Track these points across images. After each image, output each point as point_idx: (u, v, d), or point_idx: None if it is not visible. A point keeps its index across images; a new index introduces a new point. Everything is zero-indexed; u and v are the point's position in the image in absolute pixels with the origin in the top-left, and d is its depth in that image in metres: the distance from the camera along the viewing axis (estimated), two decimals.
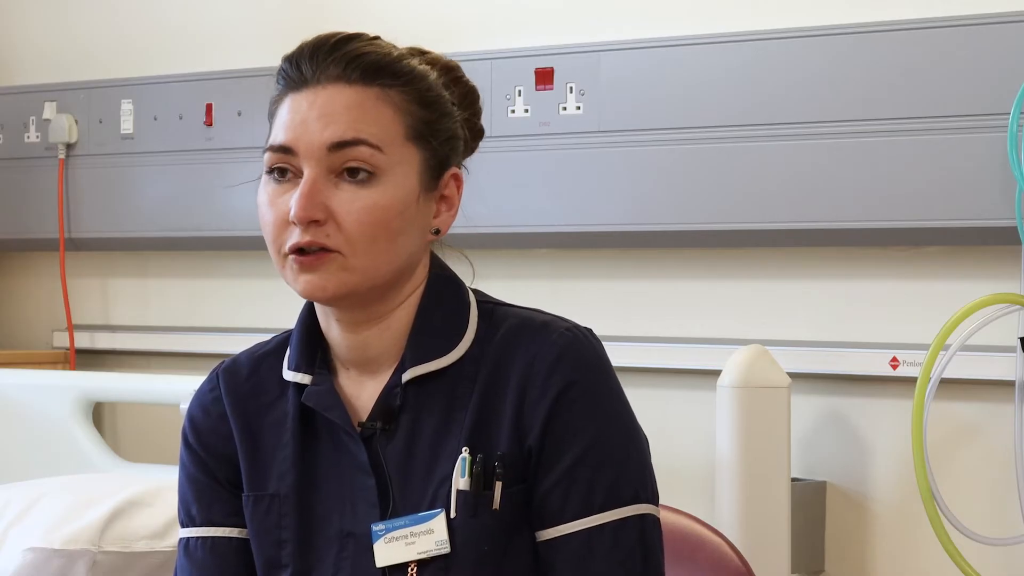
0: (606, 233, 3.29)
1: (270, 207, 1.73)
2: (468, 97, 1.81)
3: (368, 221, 1.70)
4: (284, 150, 1.72)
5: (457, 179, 1.79)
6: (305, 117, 1.72)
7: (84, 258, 4.08)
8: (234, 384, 1.84)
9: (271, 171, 1.74)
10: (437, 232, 1.78)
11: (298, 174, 1.72)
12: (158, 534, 2.72)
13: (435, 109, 1.76)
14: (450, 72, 1.80)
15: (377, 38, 1.77)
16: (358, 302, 1.74)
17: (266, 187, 1.74)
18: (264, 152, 1.75)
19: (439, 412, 1.75)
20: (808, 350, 3.12)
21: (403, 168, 1.73)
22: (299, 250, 1.70)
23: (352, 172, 1.71)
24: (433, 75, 1.77)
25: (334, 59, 1.73)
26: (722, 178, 3.14)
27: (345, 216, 1.70)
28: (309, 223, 1.69)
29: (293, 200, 1.70)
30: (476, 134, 1.83)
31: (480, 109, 1.83)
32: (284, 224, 1.71)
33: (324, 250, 1.70)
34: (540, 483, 1.73)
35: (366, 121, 1.71)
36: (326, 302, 1.74)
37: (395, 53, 1.76)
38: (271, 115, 1.77)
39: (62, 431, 3.52)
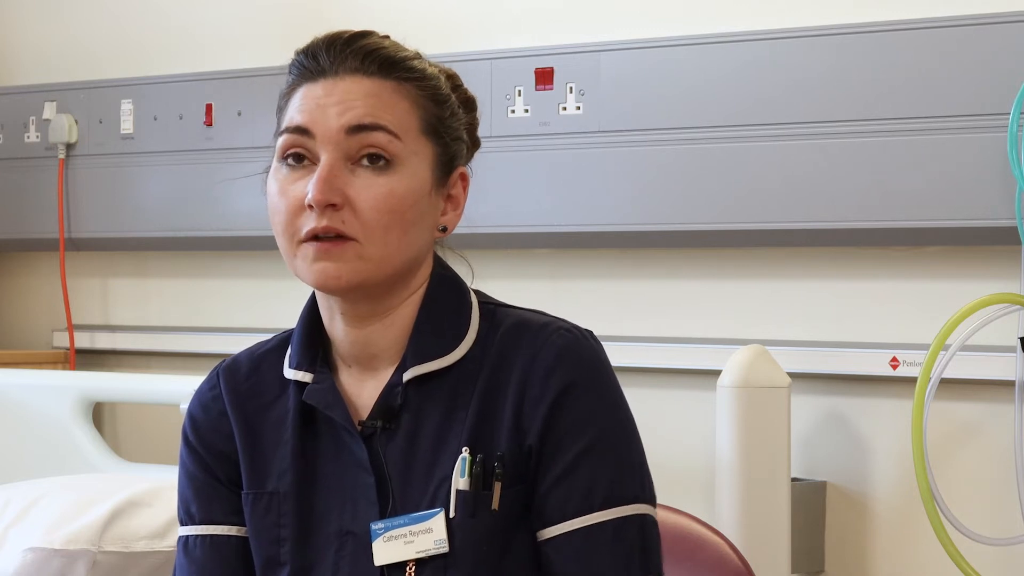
0: (606, 233, 3.29)
1: (282, 194, 1.73)
2: (468, 105, 1.83)
3: (384, 208, 1.71)
4: (301, 131, 1.72)
5: (464, 179, 1.81)
6: (323, 103, 1.72)
7: (84, 258, 4.08)
8: (234, 383, 1.84)
9: (285, 157, 1.74)
10: (444, 230, 1.79)
11: (314, 160, 1.72)
12: (158, 534, 2.72)
13: (446, 108, 1.78)
14: (451, 79, 1.82)
15: (387, 37, 1.78)
16: (366, 295, 1.74)
17: (277, 174, 1.74)
18: (277, 137, 1.75)
19: (440, 412, 1.75)
20: (808, 350, 3.12)
21: (418, 159, 1.74)
22: (315, 237, 1.70)
23: (371, 159, 1.72)
24: (442, 78, 1.79)
25: (352, 51, 1.74)
26: (722, 178, 3.14)
27: (362, 202, 1.70)
28: (326, 207, 1.69)
29: (311, 184, 1.70)
30: (474, 142, 1.84)
31: (478, 119, 1.84)
32: (298, 210, 1.72)
33: (340, 237, 1.70)
34: (541, 482, 1.73)
35: (384, 109, 1.73)
36: (339, 292, 1.74)
37: (408, 52, 1.78)
38: (281, 107, 1.77)
39: (62, 431, 3.52)
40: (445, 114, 1.77)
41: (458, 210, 1.80)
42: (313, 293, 1.81)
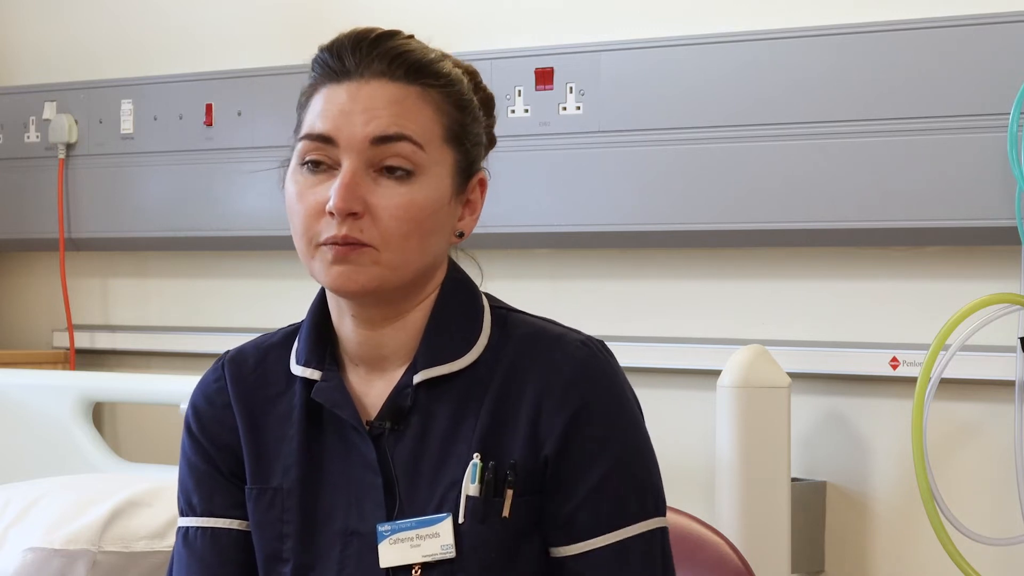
0: (606, 233, 3.29)
1: (301, 199, 1.72)
2: (487, 104, 1.81)
3: (404, 218, 1.70)
4: (324, 139, 1.71)
5: (482, 184, 1.80)
6: (347, 109, 1.71)
7: (84, 258, 4.08)
8: (240, 374, 1.83)
9: (305, 161, 1.72)
10: (460, 235, 1.79)
11: (334, 166, 1.71)
12: (158, 534, 2.72)
13: (468, 113, 1.77)
14: (472, 77, 1.80)
15: (412, 37, 1.77)
16: (380, 299, 1.74)
17: (296, 176, 1.73)
18: (298, 140, 1.73)
19: (449, 415, 1.74)
20: (808, 350, 3.12)
21: (439, 169, 1.73)
22: (333, 241, 1.70)
23: (392, 169, 1.70)
24: (465, 80, 1.78)
25: (378, 54, 1.72)
26: (722, 178, 3.14)
27: (382, 212, 1.69)
28: (347, 215, 1.68)
29: (333, 190, 1.69)
30: (491, 141, 1.83)
31: (495, 118, 1.83)
32: (317, 215, 1.70)
33: (358, 244, 1.69)
34: (566, 497, 1.72)
35: (408, 118, 1.71)
36: (354, 296, 1.73)
37: (434, 54, 1.76)
38: (302, 104, 1.75)
39: (62, 431, 3.52)
40: (468, 120, 1.76)
41: (475, 215, 1.80)
42: (322, 290, 1.80)
